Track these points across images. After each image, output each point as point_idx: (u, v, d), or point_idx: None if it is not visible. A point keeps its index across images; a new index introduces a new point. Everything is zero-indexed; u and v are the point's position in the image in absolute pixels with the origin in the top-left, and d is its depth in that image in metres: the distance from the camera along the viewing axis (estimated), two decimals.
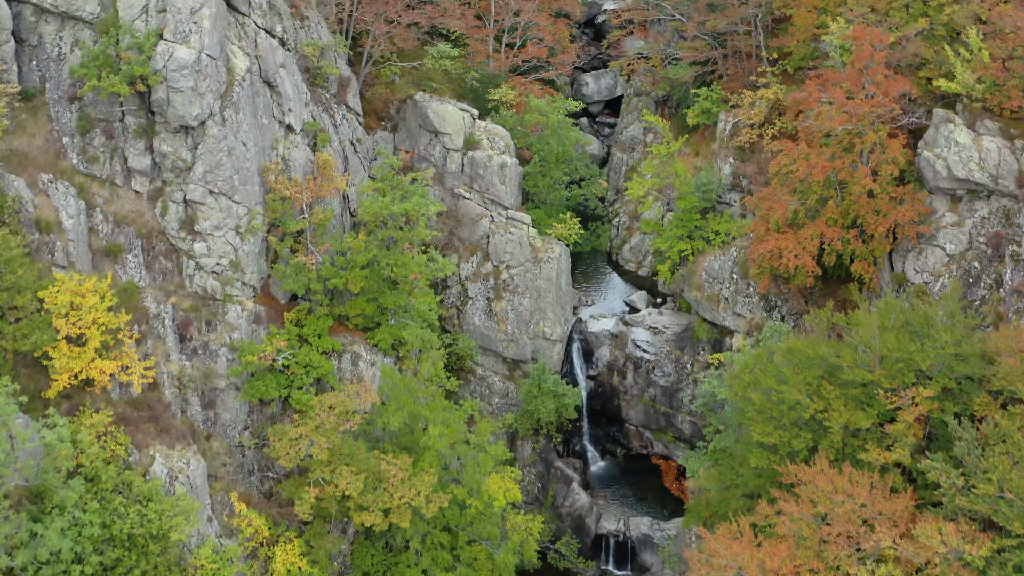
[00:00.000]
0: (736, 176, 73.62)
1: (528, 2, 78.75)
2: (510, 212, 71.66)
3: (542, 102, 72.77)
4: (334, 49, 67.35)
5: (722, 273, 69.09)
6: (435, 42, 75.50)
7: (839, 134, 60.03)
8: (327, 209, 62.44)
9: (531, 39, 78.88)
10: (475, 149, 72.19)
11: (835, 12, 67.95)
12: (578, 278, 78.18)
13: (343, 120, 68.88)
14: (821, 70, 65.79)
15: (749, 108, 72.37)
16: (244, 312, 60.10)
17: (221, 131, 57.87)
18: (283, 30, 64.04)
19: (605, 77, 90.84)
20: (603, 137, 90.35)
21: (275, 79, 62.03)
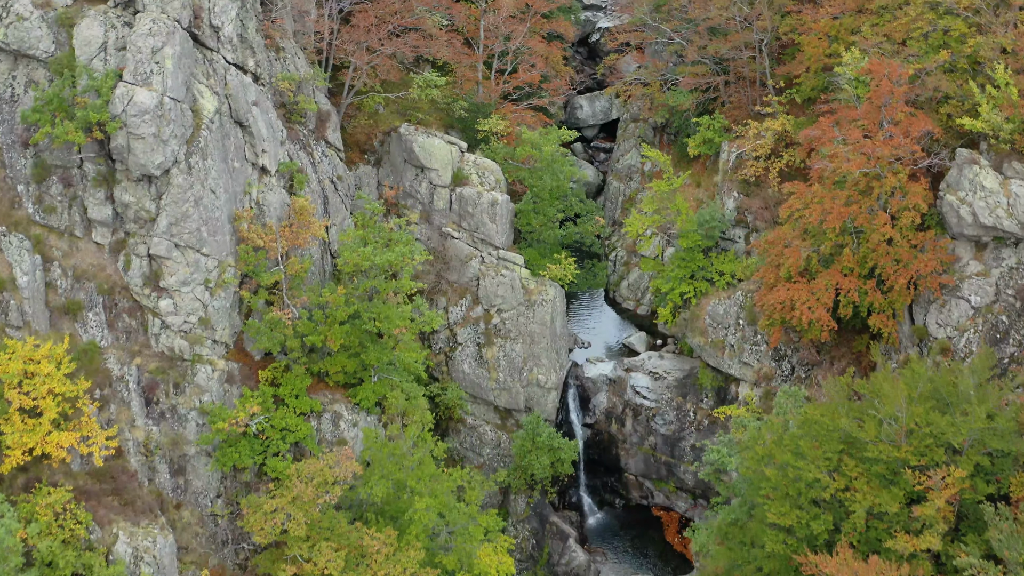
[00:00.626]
0: (741, 211, 68.62)
1: (520, 25, 73.50)
2: (501, 252, 66.58)
3: (534, 135, 67.61)
4: (312, 82, 62.09)
5: (727, 318, 64.13)
6: (421, 70, 70.19)
7: (856, 177, 54.98)
8: (304, 259, 57.29)
9: (523, 63, 73.66)
10: (464, 185, 67.04)
11: (847, 40, 62.88)
12: (573, 316, 73.20)
13: (322, 157, 63.66)
14: (834, 104, 60.74)
15: (754, 139, 67.34)
16: (215, 372, 55.00)
17: (187, 180, 52.65)
18: (256, 64, 58.75)
19: (600, 100, 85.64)
20: (598, 163, 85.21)
21: (247, 119, 56.78)
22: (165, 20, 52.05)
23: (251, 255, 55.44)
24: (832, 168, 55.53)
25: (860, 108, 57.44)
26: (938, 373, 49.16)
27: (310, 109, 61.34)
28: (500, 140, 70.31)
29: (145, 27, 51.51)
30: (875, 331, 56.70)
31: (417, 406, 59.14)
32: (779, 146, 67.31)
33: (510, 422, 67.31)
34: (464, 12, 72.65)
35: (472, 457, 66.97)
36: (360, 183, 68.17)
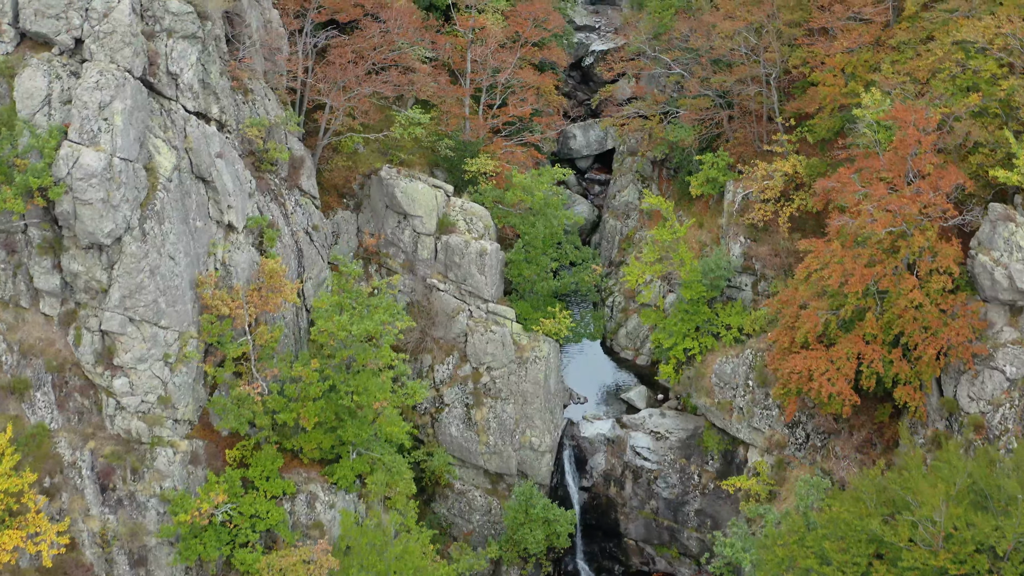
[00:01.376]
0: (747, 258, 62.91)
1: (509, 55, 67.52)
2: (491, 305, 60.79)
3: (526, 178, 61.71)
4: (284, 126, 56.07)
5: (735, 378, 58.50)
6: (403, 105, 64.17)
7: (880, 235, 49.28)
8: (275, 327, 51.48)
9: (513, 96, 67.68)
10: (450, 233, 61.18)
11: (865, 78, 57.14)
12: (567, 364, 67.43)
13: (296, 207, 57.75)
14: (852, 150, 55.01)
15: (762, 180, 61.58)
16: (177, 455, 49.30)
17: (141, 248, 46.75)
18: (220, 111, 52.75)
19: (594, 129, 79.64)
20: (592, 196, 79.29)
21: (210, 173, 50.87)
22: (114, 70, 46.06)
23: (216, 325, 49.65)
24: (855, 225, 49.79)
25: (883, 157, 51.72)
26: (976, 464, 43.63)
27: (281, 158, 55.43)
28: (489, 181, 64.43)
29: (91, 79, 45.54)
30: (901, 404, 51.08)
31: (400, 477, 53.54)
32: (789, 188, 61.61)
33: (501, 486, 61.68)
34: (449, 43, 66.70)
35: (461, 524, 61.37)
36: (338, 230, 62.28)
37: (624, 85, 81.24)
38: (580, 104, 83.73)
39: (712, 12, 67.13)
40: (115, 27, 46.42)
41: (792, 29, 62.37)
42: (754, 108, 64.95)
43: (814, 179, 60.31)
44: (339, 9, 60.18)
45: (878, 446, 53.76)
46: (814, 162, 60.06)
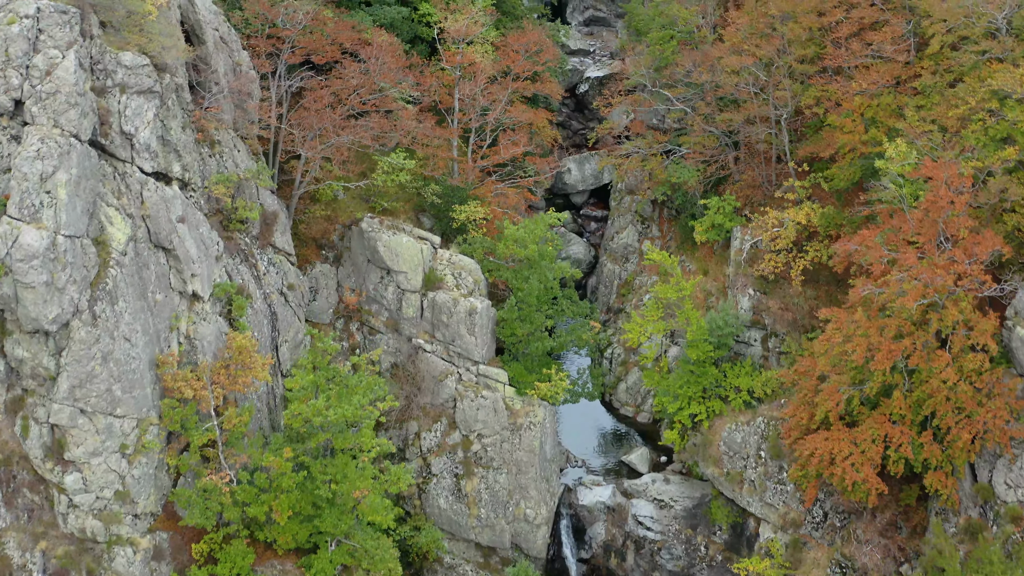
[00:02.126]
0: (757, 311, 57.76)
1: (500, 90, 62.08)
2: (482, 367, 55.59)
3: (518, 229, 56.32)
4: (256, 179, 50.68)
5: (746, 448, 53.42)
6: (386, 147, 58.64)
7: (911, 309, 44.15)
8: (244, 408, 46.25)
9: (504, 136, 62.27)
10: (437, 289, 55.90)
11: (887, 123, 51.89)
12: (563, 420, 62.22)
13: (269, 267, 52.45)
14: (875, 206, 49.78)
15: (772, 228, 56.42)
16: (137, 554, 44.18)
17: (91, 333, 41.44)
18: (183, 168, 47.38)
19: (590, 162, 74.16)
20: (588, 233, 73.88)
21: (171, 240, 45.53)
22: (58, 136, 40.64)
23: (178, 410, 44.40)
24: (883, 297, 44.63)
25: (911, 216, 46.52)
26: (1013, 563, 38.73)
27: (251, 217, 50.05)
28: (480, 229, 59.11)
29: (32, 148, 40.14)
30: (932, 492, 46.03)
31: (385, 564, 48.45)
32: (802, 237, 56.46)
33: (494, 559, 56.56)
34: (436, 80, 61.27)
35: None
36: (316, 285, 56.94)
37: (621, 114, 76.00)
38: (575, 134, 78.27)
39: (717, 44, 61.86)
40: (59, 87, 40.96)
41: (804, 66, 57.07)
42: (763, 149, 59.70)
43: (830, 230, 55.20)
44: (315, 49, 54.72)
45: (904, 530, 48.75)
46: (830, 212, 54.86)
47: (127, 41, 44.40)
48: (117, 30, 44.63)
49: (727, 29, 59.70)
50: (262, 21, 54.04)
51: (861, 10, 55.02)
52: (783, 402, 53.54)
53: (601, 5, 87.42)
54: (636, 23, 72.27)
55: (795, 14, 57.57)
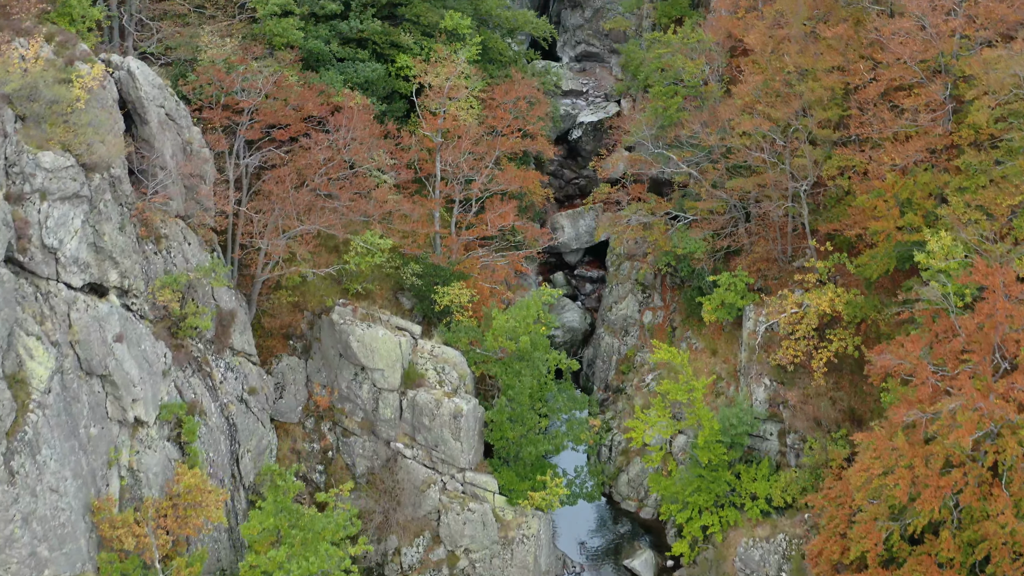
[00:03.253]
0: (774, 403, 51.11)
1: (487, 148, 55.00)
2: (468, 475, 48.89)
3: (508, 319, 49.34)
4: (209, 278, 43.63)
5: (765, 567, 46.88)
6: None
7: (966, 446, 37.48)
8: (194, 556, 39.43)
9: (491, 202, 55.28)
10: (418, 387, 49.06)
11: (925, 205, 45.11)
12: (559, 518, 55.42)
13: (227, 372, 45.52)
14: (916, 307, 43.01)
15: (790, 312, 49.73)
16: None
17: (8, 493, 34.49)
18: (122, 275, 40.34)
19: (584, 219, 67.06)
20: (583, 295, 66.84)
21: (106, 364, 38.59)
22: None
23: (117, 565, 37.52)
24: (933, 429, 37.97)
25: (959, 324, 39.78)
26: None
27: (202, 326, 43.01)
28: (466, 311, 52.18)
29: None
30: None
31: None
32: (824, 321, 49.76)
33: None
34: (416, 142, 54.19)
35: None
36: (283, 381, 50.00)
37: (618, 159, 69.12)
38: (567, 184, 71.19)
39: (726, 100, 54.88)
40: None
41: (826, 131, 50.23)
42: (779, 221, 52.85)
43: (857, 320, 48.51)
44: (278, 120, 47.46)
45: None
46: (858, 301, 48.11)
47: (49, 137, 37.29)
48: (38, 123, 37.51)
49: (738, 87, 52.69)
50: (216, 90, 46.82)
51: (890, 70, 48.04)
52: (807, 517, 47.08)
53: (594, 40, 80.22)
54: (633, 67, 65.26)
55: (814, 71, 50.70)
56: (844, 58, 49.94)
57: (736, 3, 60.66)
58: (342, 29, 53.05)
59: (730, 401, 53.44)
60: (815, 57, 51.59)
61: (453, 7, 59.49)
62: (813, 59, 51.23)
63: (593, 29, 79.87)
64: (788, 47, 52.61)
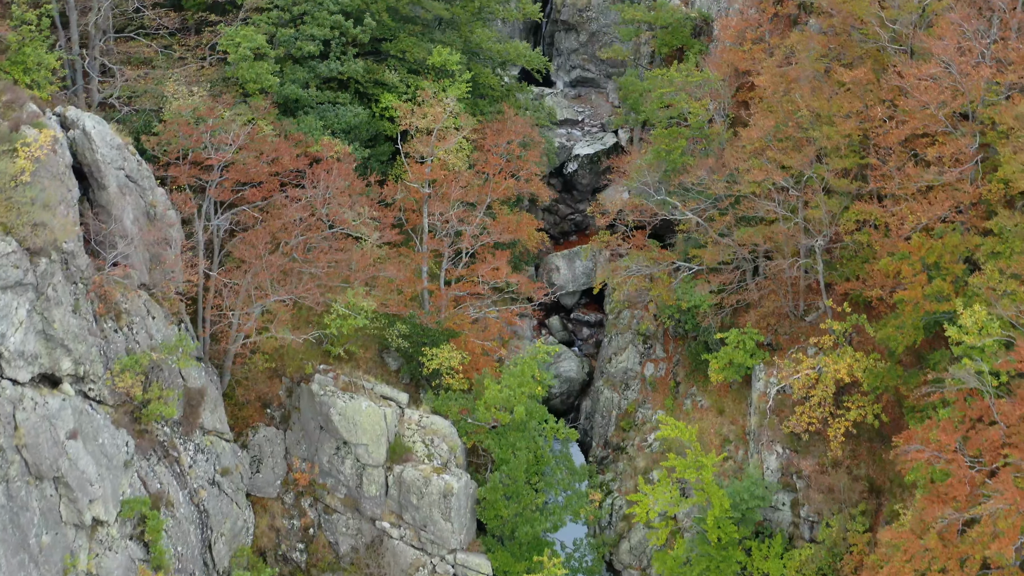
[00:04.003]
0: (787, 472, 47.26)
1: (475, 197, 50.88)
2: (460, 556, 44.95)
3: (502, 389, 45.31)
4: (175, 355, 39.50)
5: None
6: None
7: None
8: None
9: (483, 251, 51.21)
10: (405, 461, 45.09)
11: (954, 270, 41.14)
12: None
13: (196, 455, 41.47)
14: (945, 388, 39.02)
15: (804, 375, 45.84)
16: None
17: None
18: (76, 362, 36.26)
19: (582, 259, 62.94)
20: (581, 341, 62.78)
21: (58, 466, 34.52)
22: None
23: None
24: (974, 535, 34.12)
25: (998, 412, 35.88)
26: None
27: (166, 414, 38.88)
28: (456, 374, 48.15)
29: None
30: None
31: None
32: (841, 386, 45.86)
33: None
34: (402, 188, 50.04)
35: None
36: (260, 454, 45.91)
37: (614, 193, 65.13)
38: (563, 219, 67.07)
39: (733, 142, 50.85)
40: None
41: (843, 181, 46.25)
42: (791, 275, 48.82)
43: (879, 389, 44.59)
44: (251, 179, 43.18)
45: None
46: (880, 370, 44.15)
47: None
48: None
49: (747, 130, 48.62)
50: (183, 145, 42.57)
51: (912, 118, 43.98)
52: None
53: (589, 65, 75.95)
54: (632, 100, 61.15)
55: (829, 116, 46.69)
56: (863, 103, 45.93)
57: (742, 34, 56.69)
58: (321, 71, 48.81)
59: (739, 467, 49.63)
60: (830, 100, 47.63)
61: (441, 41, 55.28)
62: (828, 102, 47.26)
63: (588, 53, 75.63)
64: (801, 88, 48.63)
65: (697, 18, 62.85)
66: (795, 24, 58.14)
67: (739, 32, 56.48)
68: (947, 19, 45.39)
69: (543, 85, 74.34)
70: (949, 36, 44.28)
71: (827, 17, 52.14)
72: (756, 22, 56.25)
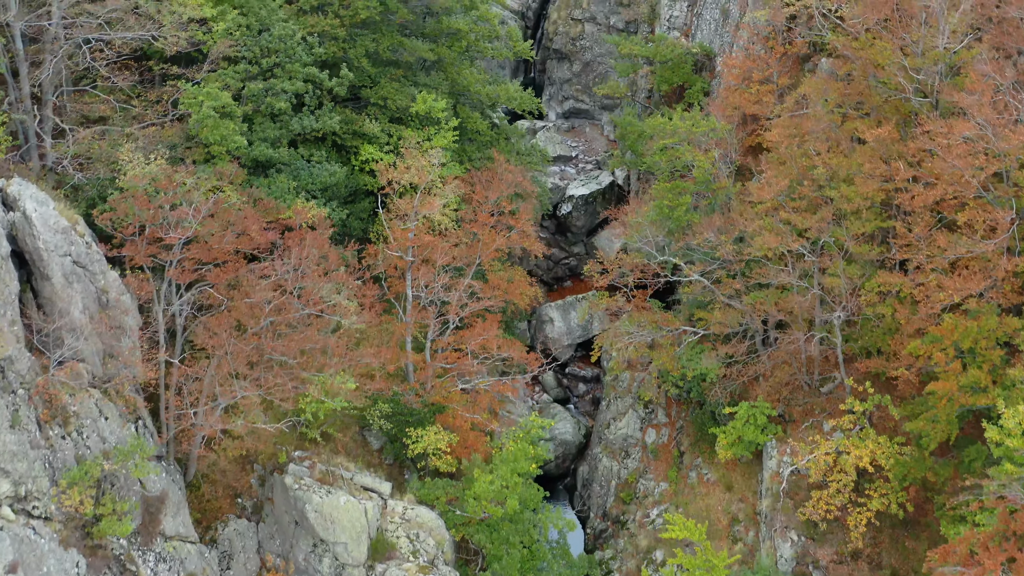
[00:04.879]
0: (802, 562, 43.18)
1: (463, 258, 46.49)
2: None
3: (493, 480, 41.00)
4: (131, 460, 35.11)
5: None
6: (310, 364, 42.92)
7: None
8: None
9: (472, 317, 46.86)
10: (388, 559, 40.79)
11: (991, 357, 36.97)
12: None
13: (158, 565, 37.03)
14: (979, 491, 34.94)
15: (821, 458, 41.75)
16: None
17: None
18: (16, 481, 31.82)
19: (577, 309, 58.53)
20: (576, 398, 58.47)
21: None
22: None
23: None
24: None
25: None
26: None
27: (120, 533, 34.54)
28: (444, 454, 43.86)
29: None
30: None
31: None
32: (862, 470, 41.77)
33: None
34: (383, 262, 45.58)
35: None
36: (231, 549, 41.54)
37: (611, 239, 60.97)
38: (556, 264, 62.70)
39: (741, 199, 46.61)
40: None
41: (864, 247, 42.05)
42: (806, 347, 44.54)
43: (906, 481, 40.48)
44: (214, 257, 38.59)
45: None
46: (907, 461, 40.00)
47: None
48: None
49: (758, 189, 44.24)
50: (140, 221, 38.05)
51: (942, 182, 39.71)
52: None
53: (583, 96, 71.45)
54: (630, 140, 56.80)
55: (849, 175, 42.45)
56: (886, 163, 41.64)
57: (747, 73, 52.40)
58: (294, 127, 44.26)
59: (750, 550, 45.50)
60: (848, 155, 43.41)
61: (426, 84, 50.77)
62: (847, 159, 43.02)
63: (582, 84, 71.11)
64: (816, 142, 44.36)
65: (699, 53, 58.40)
66: (805, 62, 53.92)
67: (744, 71, 52.18)
68: (977, 70, 41.22)
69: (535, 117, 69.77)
70: (982, 90, 40.09)
71: (844, 61, 47.91)
72: (763, 62, 51.94)
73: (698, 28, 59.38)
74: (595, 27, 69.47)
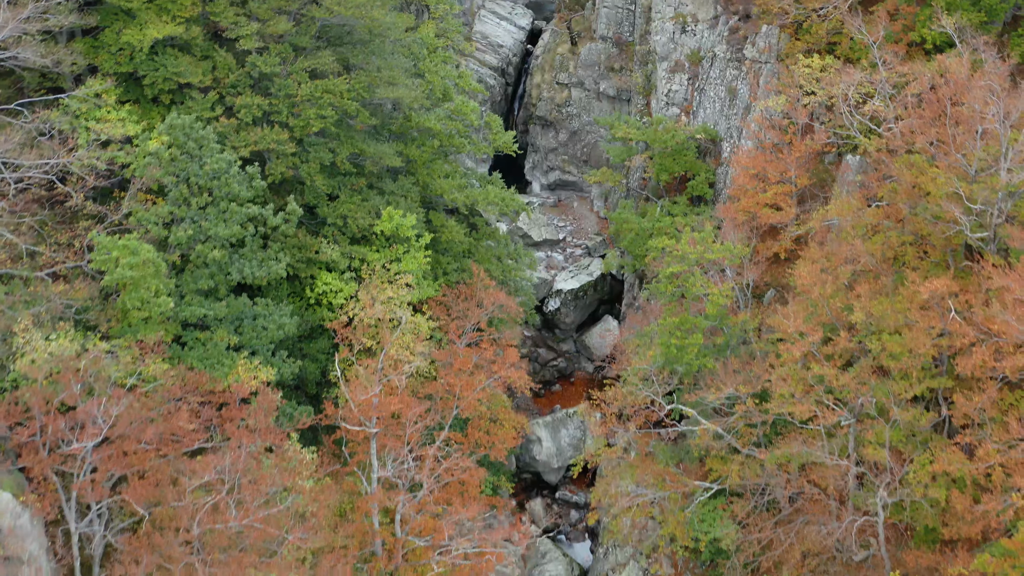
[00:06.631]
0: None
1: (437, 414, 38.80)
2: None
3: None
4: None
5: None
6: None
7: None
8: None
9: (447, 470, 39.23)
10: None
11: None
12: None
13: None
14: None
15: None
16: None
17: None
18: None
19: (567, 428, 50.94)
20: (567, 529, 50.80)
21: None
22: None
23: None
24: None
25: None
26: None
27: None
28: None
29: None
30: None
31: None
32: None
33: None
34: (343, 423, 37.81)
35: None
36: None
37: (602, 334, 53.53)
38: (543, 367, 54.94)
39: (762, 336, 39.10)
40: None
41: (912, 412, 34.71)
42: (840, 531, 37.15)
43: None
44: (130, 465, 30.69)
45: None
46: None
47: None
48: None
49: (784, 347, 36.52)
50: (39, 424, 30.14)
51: (1011, 349, 32.40)
52: None
53: (570, 167, 63.44)
54: (627, 240, 49.21)
55: (896, 325, 35.05)
56: (942, 320, 34.18)
57: (761, 172, 44.82)
58: (233, 276, 36.26)
59: None
60: (892, 297, 36.01)
61: (392, 192, 42.79)
62: (891, 305, 35.57)
63: (569, 154, 63.10)
64: (859, 284, 36.89)
65: (703, 139, 50.64)
66: (825, 154, 46.36)
67: (758, 170, 44.55)
68: None
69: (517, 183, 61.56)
70: None
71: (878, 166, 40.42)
72: (779, 159, 44.34)
73: (700, 105, 51.56)
74: (583, 93, 61.45)
